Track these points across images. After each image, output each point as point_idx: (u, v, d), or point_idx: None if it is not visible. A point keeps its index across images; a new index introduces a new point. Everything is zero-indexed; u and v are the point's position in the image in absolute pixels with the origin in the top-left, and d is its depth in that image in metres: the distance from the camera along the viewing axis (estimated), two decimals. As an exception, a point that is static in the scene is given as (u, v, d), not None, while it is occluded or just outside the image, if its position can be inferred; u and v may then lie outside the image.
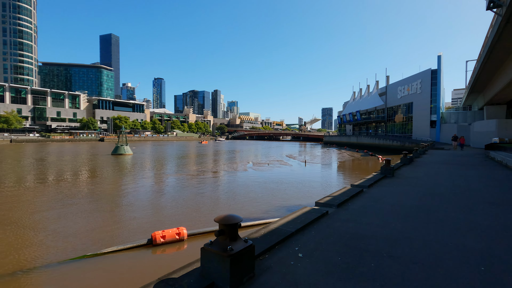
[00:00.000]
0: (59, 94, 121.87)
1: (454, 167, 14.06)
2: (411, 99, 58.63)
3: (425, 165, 14.97)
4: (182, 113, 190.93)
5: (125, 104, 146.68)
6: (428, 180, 9.97)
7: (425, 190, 8.09)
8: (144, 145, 75.85)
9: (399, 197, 7.10)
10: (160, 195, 15.13)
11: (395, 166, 13.58)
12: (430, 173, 11.75)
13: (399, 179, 10.10)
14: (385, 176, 10.33)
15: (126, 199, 14.20)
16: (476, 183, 9.37)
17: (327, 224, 4.90)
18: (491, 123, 36.20)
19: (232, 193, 15.29)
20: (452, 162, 16.63)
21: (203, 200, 13.83)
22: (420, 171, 12.41)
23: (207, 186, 17.35)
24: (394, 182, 9.31)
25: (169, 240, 7.66)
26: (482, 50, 28.46)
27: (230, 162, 32.48)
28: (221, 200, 13.89)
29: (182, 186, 17.61)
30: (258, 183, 17.87)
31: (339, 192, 7.11)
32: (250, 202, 13.24)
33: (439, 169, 13.41)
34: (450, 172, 12.24)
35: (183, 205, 12.86)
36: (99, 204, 12.88)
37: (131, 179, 19.88)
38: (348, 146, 74.92)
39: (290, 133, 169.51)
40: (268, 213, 11.40)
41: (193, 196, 14.69)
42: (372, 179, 9.35)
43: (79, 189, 16.13)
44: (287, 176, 21.08)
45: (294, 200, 13.59)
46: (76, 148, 57.88)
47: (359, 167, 30.68)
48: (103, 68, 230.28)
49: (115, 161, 31.96)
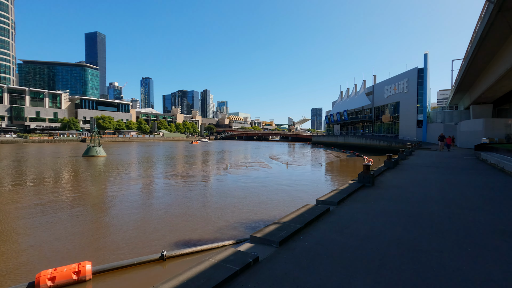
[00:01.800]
0: (39, 93, 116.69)
1: (444, 172, 12.39)
2: (398, 99, 57.82)
3: (412, 169, 13.26)
4: (170, 113, 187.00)
5: (110, 104, 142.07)
6: (414, 191, 8.15)
7: (411, 209, 6.19)
8: (126, 146, 72.66)
9: (375, 223, 5.17)
10: (91, 211, 12.14)
11: (378, 171, 11.80)
12: (417, 181, 9.98)
13: (379, 189, 8.25)
14: (364, 186, 8.49)
15: (33, 220, 10.64)
16: (474, 196, 7.57)
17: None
18: (477, 122, 35.30)
19: (185, 208, 12.50)
20: (441, 165, 15.02)
21: (139, 217, 11.20)
22: (406, 178, 10.63)
23: (160, 197, 14.97)
24: (373, 195, 7.45)
25: (62, 283, 5.50)
26: (469, 46, 27.36)
27: (206, 165, 30.31)
28: (161, 219, 11.06)
29: (128, 197, 15.36)
30: (223, 192, 15.57)
31: (295, 214, 5.16)
32: (194, 222, 10.63)
33: (427, 174, 11.70)
34: (440, 178, 10.51)
35: (110, 225, 10.26)
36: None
37: (72, 189, 17.42)
38: (336, 146, 73.83)
39: (278, 133, 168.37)
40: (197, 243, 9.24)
41: (132, 211, 12.07)
42: (346, 190, 7.47)
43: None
44: (261, 181, 19.07)
45: (244, 220, 10.68)
46: (50, 150, 54.42)
47: (342, 170, 29.02)
48: (87, 66, 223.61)
49: (80, 165, 29.31)
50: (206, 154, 46.44)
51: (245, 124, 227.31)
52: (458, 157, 20.83)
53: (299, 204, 11.83)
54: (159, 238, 8.72)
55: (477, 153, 19.41)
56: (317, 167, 28.73)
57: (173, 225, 10.18)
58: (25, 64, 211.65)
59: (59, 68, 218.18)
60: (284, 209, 11.40)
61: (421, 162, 16.65)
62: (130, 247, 8.06)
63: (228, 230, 9.36)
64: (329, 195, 6.79)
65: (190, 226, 9.90)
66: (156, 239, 8.61)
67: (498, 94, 32.86)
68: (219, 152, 51.67)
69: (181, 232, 9.27)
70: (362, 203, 6.55)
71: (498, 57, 24.14)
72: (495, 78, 26.01)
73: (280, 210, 11.51)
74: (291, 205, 12.17)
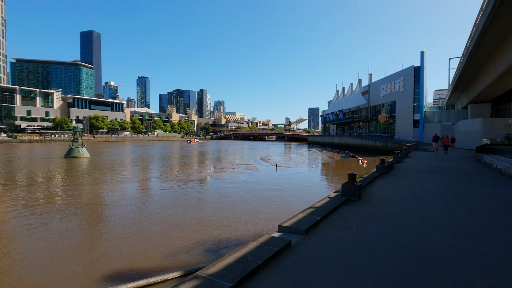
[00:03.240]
0: (30, 92, 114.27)
1: (445, 179, 10.78)
2: (394, 98, 56.38)
3: (408, 176, 11.64)
4: (165, 113, 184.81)
5: (104, 103, 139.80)
6: (411, 208, 6.50)
7: (406, 241, 4.43)
8: (118, 146, 70.66)
9: (351, 272, 3.44)
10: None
11: (368, 179, 10.19)
12: (414, 192, 8.33)
13: (367, 206, 6.61)
14: (347, 200, 6.86)
15: None
16: (488, 218, 5.83)
17: None
18: (476, 122, 33.88)
19: (136, 225, 10.49)
20: (440, 170, 13.42)
21: (79, 238, 9.44)
22: (401, 188, 8.98)
23: (119, 206, 13.22)
24: (357, 216, 5.78)
25: None
26: (469, 41, 25.88)
27: (190, 167, 28.58)
28: (105, 239, 9.30)
29: (81, 207, 13.64)
30: (191, 204, 14.02)
31: (234, 257, 3.50)
32: (135, 247, 8.84)
33: (425, 182, 10.08)
34: (441, 189, 8.87)
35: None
36: None
37: (25, 196, 15.70)
38: (331, 147, 72.40)
39: (274, 133, 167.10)
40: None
41: (81, 226, 10.56)
42: (322, 209, 5.82)
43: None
44: (242, 188, 17.33)
45: (187, 249, 8.40)
46: (36, 150, 52.37)
47: (333, 173, 27.37)
48: (82, 65, 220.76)
49: (55, 167, 27.49)
50: (196, 155, 44.66)
51: (241, 124, 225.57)
52: (457, 159, 19.28)
53: (270, 225, 10.18)
54: (96, 265, 7.05)
55: (479, 155, 17.89)
56: (308, 169, 27.07)
57: (110, 252, 8.23)
58: (18, 62, 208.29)
59: (53, 67, 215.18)
60: (247, 233, 9.49)
61: (419, 166, 15.05)
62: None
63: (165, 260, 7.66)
64: (298, 217, 5.15)
65: (129, 255, 7.94)
66: (92, 267, 6.95)
67: (498, 92, 31.45)
68: (210, 153, 49.94)
69: (117, 263, 7.51)
70: (340, 230, 4.90)
71: (500, 52, 22.64)
72: (496, 74, 24.56)
73: (241, 235, 9.45)
74: (259, 225, 10.47)
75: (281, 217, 10.39)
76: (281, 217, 10.39)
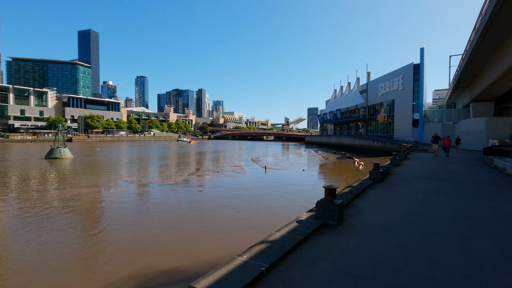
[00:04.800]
0: (23, 91, 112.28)
1: (452, 189, 8.82)
2: (393, 96, 54.46)
3: (407, 184, 9.69)
4: (163, 112, 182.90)
5: (99, 102, 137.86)
6: (411, 240, 4.51)
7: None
8: (111, 146, 68.65)
9: None
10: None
11: (357, 189, 8.27)
12: (415, 211, 6.31)
13: (348, 238, 4.63)
14: (323, 226, 4.94)
15: None
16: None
17: None
18: (479, 121, 31.98)
19: (65, 247, 8.40)
20: (445, 176, 11.49)
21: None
22: (398, 203, 6.98)
23: (58, 220, 11.38)
24: (328, 261, 3.72)
25: None
26: (472, 34, 23.95)
27: (171, 169, 26.60)
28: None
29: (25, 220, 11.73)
30: (153, 215, 12.08)
31: None
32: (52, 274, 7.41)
33: (428, 194, 8.10)
34: (450, 205, 6.86)
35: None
36: None
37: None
38: (329, 147, 70.49)
39: (272, 133, 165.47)
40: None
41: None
42: (276, 248, 3.87)
43: None
44: (219, 195, 15.43)
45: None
46: (23, 150, 50.37)
47: (326, 176, 25.30)
48: (79, 64, 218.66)
49: (33, 168, 25.52)
50: (186, 156, 42.67)
51: (240, 124, 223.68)
52: (462, 162, 17.34)
53: (214, 256, 8.03)
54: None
55: (487, 158, 15.98)
56: (298, 172, 25.07)
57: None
58: (15, 61, 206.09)
59: (50, 66, 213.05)
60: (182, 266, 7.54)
61: (419, 171, 13.11)
62: None
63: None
64: (228, 269, 3.23)
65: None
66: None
67: (503, 89, 29.55)
68: (203, 153, 47.97)
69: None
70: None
71: (508, 44, 20.70)
72: (502, 70, 22.66)
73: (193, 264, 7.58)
74: (202, 255, 8.53)
75: (233, 246, 8.42)
76: (233, 246, 8.42)
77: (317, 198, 6.12)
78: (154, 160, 35.74)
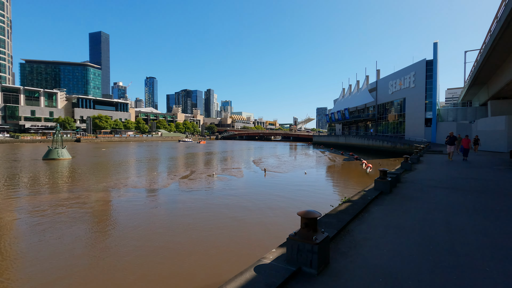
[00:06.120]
0: (34, 92, 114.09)
1: (482, 206, 6.95)
2: (404, 95, 51.97)
3: (420, 198, 7.84)
4: (171, 113, 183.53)
5: (108, 103, 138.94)
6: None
7: None
8: (118, 146, 68.43)
9: None
10: None
11: (358, 205, 6.71)
12: (435, 243, 4.56)
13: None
14: (293, 277, 3.42)
15: None
16: None
17: None
18: (499, 120, 29.54)
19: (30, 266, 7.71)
20: (469, 186, 9.53)
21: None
22: (411, 232, 5.11)
23: (29, 233, 10.27)
24: None
25: None
26: (493, 23, 21.80)
27: (163, 172, 25.38)
28: None
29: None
30: (128, 225, 10.83)
31: None
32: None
33: (449, 214, 6.21)
34: (485, 232, 5.07)
35: None
36: None
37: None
38: (336, 147, 68.30)
39: (280, 133, 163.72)
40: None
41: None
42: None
43: None
44: (206, 204, 13.89)
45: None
46: (29, 150, 50.41)
47: (330, 181, 23.39)
48: (89, 66, 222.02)
49: (27, 169, 24.80)
50: (186, 157, 41.52)
51: (247, 124, 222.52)
52: (485, 166, 15.34)
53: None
54: None
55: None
56: (299, 176, 23.33)
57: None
58: (28, 63, 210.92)
59: (61, 68, 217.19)
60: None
61: (436, 178, 11.32)
62: None
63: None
64: None
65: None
66: None
67: (527, 85, 27.15)
68: (205, 154, 46.78)
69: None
70: None
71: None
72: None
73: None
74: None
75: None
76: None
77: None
78: (154, 161, 34.74)
